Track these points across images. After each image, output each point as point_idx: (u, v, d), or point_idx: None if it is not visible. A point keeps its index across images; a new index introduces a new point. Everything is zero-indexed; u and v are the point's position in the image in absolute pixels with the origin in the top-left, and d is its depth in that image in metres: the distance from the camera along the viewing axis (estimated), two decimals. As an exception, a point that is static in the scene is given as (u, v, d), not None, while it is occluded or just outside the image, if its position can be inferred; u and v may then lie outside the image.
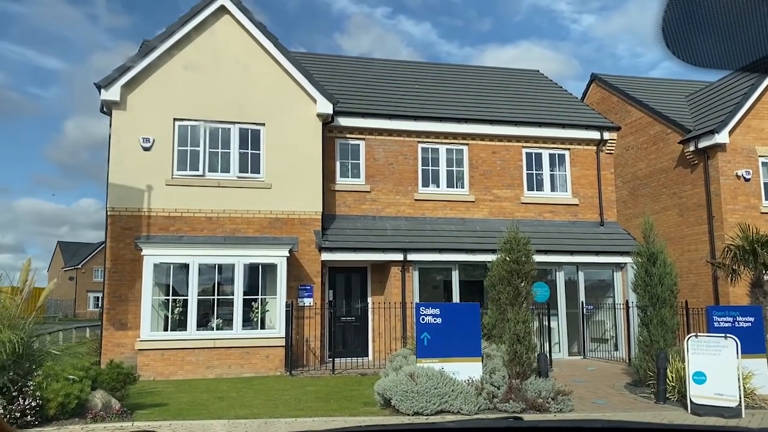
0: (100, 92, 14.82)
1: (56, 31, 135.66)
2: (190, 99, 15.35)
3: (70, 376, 8.92)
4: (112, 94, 14.82)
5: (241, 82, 15.71)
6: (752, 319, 10.97)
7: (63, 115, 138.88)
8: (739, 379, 9.42)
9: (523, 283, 11.09)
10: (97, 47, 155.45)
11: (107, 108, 15.18)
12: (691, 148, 18.08)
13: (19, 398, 8.41)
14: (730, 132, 17.48)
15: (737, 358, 9.48)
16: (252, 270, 14.75)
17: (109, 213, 14.82)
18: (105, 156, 15.08)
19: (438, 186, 17.90)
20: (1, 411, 8.10)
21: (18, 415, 8.27)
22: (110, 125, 15.16)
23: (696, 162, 18.16)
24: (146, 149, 15.01)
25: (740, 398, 9.36)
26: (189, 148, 15.39)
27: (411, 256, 15.96)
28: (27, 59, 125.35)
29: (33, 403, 8.42)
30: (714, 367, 9.57)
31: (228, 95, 15.57)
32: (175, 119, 15.32)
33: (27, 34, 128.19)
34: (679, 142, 18.56)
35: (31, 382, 8.62)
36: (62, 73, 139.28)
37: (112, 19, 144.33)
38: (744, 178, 17.47)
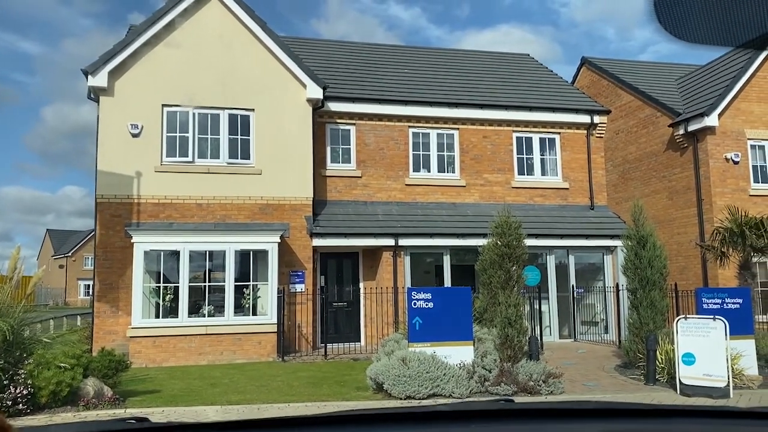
0: (87, 78, 14.65)
1: (33, 14, 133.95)
2: (178, 85, 15.20)
3: (62, 364, 8.90)
4: (100, 80, 14.66)
5: (230, 67, 15.57)
6: (740, 300, 11.07)
7: (42, 101, 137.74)
8: (727, 360, 9.53)
9: (514, 267, 11.15)
10: (76, 32, 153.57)
11: (95, 94, 15.01)
12: (681, 132, 18.13)
13: (11, 386, 8.38)
14: (720, 115, 17.53)
15: (726, 339, 9.57)
16: (243, 256, 14.72)
17: (98, 200, 14.71)
18: (87, 142, 15.10)
19: (429, 171, 17.88)
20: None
21: (9, 403, 8.24)
22: (98, 112, 15.01)
23: (685, 145, 18.22)
24: (135, 136, 14.88)
25: (728, 379, 9.47)
26: (178, 135, 15.27)
27: (402, 241, 15.97)
28: (6, 44, 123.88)
29: (24, 391, 8.39)
30: (703, 349, 9.67)
31: (217, 81, 15.43)
32: (163, 105, 15.18)
33: (5, 18, 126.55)
34: (669, 126, 18.60)
35: (22, 371, 8.59)
36: (41, 59, 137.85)
37: (87, 4, 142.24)
38: (733, 161, 17.55)
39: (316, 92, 15.85)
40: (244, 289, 14.63)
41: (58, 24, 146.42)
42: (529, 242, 12.84)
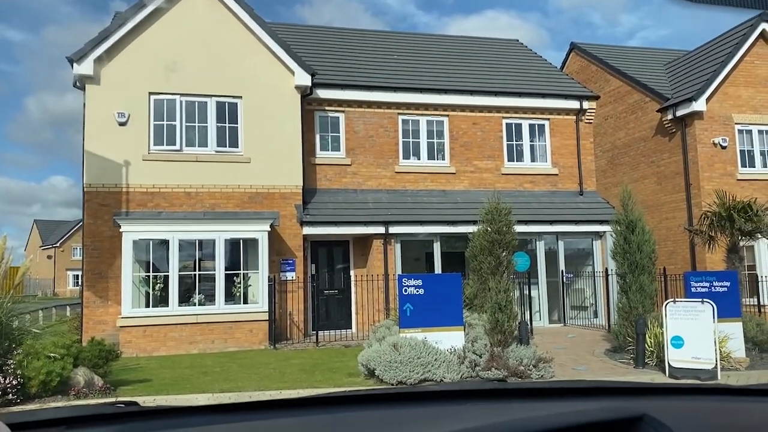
0: (72, 66, 14.47)
1: (14, 0, 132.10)
2: (165, 72, 15.03)
3: (51, 354, 8.86)
4: (85, 68, 14.48)
5: (217, 54, 15.42)
6: (728, 283, 11.15)
7: (26, 90, 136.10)
8: (715, 342, 9.62)
9: (504, 253, 11.17)
10: (59, 19, 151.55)
11: (80, 82, 14.84)
12: (669, 117, 18.18)
13: (0, 377, 8.33)
14: (708, 99, 17.59)
15: (713, 322, 9.66)
16: (233, 245, 14.66)
17: (85, 190, 14.59)
18: (73, 132, 14.88)
19: (419, 158, 17.85)
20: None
21: (-1, 393, 8.21)
22: (84, 100, 14.85)
23: (674, 130, 18.29)
24: (122, 124, 14.74)
25: (716, 361, 9.56)
26: (165, 123, 15.13)
27: (393, 229, 15.97)
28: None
29: (14, 382, 8.35)
30: (691, 332, 9.76)
31: (204, 68, 15.29)
32: (150, 93, 15.03)
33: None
34: (658, 111, 18.65)
35: (12, 361, 8.54)
36: (23, 47, 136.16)
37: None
38: (721, 145, 17.64)
39: (305, 79, 15.75)
40: (235, 278, 14.59)
41: (40, 11, 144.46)
42: (519, 228, 12.86)
